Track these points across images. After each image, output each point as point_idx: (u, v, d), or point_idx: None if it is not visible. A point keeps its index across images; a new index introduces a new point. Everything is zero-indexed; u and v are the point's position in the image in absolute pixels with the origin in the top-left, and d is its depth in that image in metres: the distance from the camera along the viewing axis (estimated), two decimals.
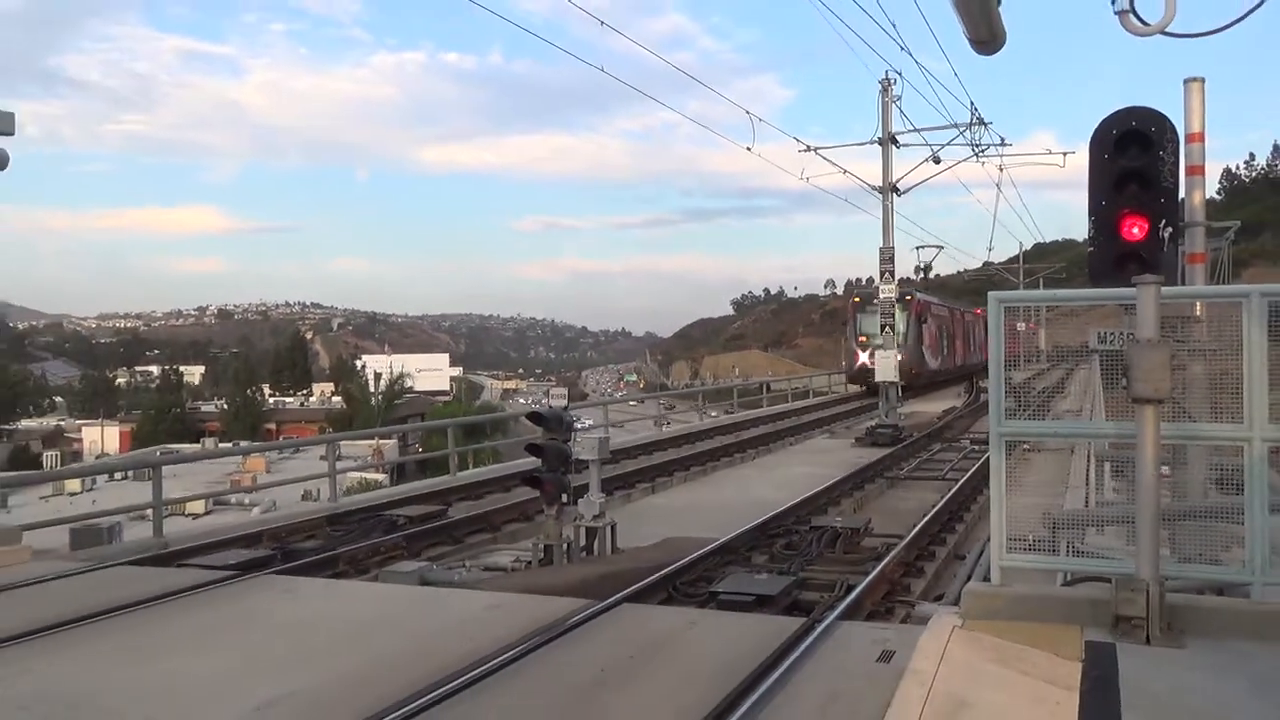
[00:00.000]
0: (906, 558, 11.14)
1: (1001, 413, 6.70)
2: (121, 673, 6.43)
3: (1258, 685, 5.32)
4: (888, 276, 27.54)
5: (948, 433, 28.12)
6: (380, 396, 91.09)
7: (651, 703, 5.67)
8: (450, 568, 10.80)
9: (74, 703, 5.84)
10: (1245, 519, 6.25)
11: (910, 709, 4.96)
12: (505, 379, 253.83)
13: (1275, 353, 6.22)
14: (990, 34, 8.13)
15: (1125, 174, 7.25)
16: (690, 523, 13.00)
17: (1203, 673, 5.51)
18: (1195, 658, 5.70)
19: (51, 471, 47.38)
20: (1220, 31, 7.05)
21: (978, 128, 29.19)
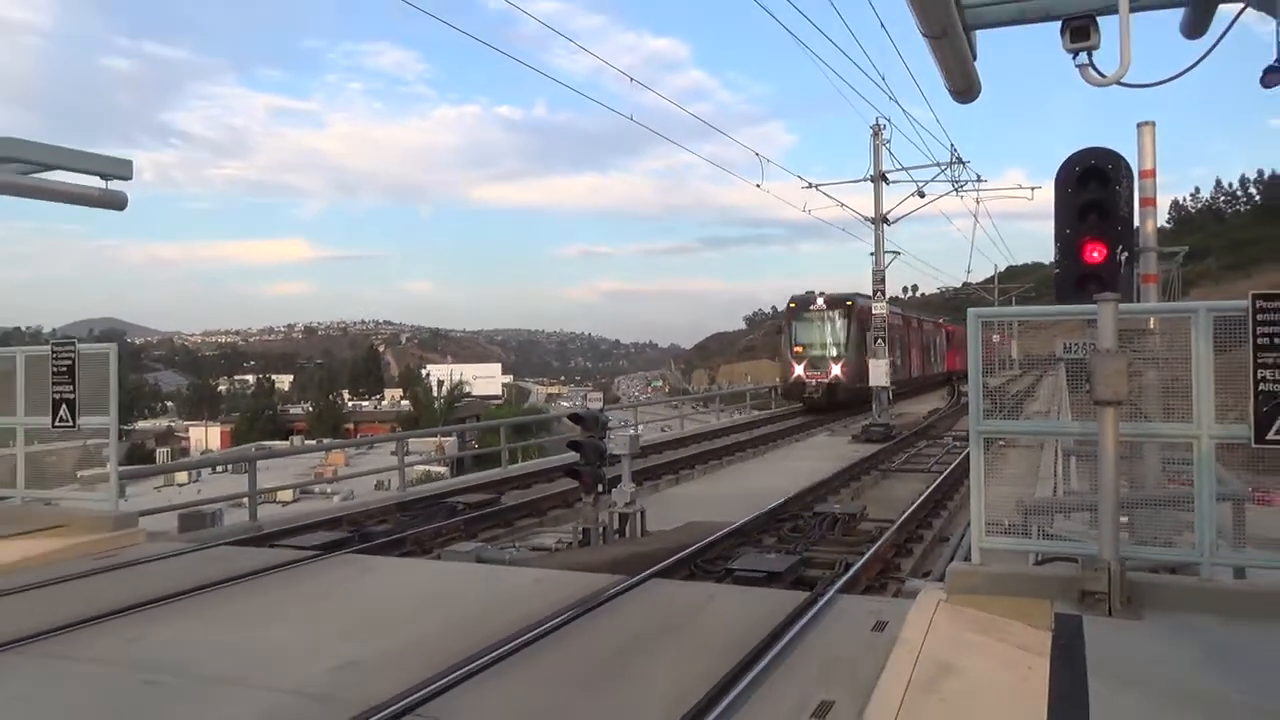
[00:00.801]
0: (897, 540, 11.06)
1: (980, 413, 6.68)
2: (221, 638, 6.48)
3: (1207, 652, 5.26)
4: (880, 295, 27.37)
5: (933, 431, 27.90)
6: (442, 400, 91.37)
7: (677, 665, 5.65)
8: (502, 548, 10.82)
9: (180, 664, 5.90)
10: (1195, 506, 6.18)
11: (901, 672, 4.93)
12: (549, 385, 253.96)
13: (1220, 361, 6.16)
14: (967, 85, 8.09)
15: (1086, 205, 7.19)
16: (709, 509, 12.96)
17: (1159, 641, 5.45)
18: (1152, 628, 5.65)
19: (163, 465, 47.83)
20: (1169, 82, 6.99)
21: (957, 166, 29.11)
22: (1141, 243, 8.07)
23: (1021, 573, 6.58)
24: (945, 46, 7.05)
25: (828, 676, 5.26)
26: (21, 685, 5.61)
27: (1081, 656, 5.10)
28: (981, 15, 7.14)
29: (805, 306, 35.51)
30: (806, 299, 35.58)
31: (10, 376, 11.06)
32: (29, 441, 11.19)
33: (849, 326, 34.17)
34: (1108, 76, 6.64)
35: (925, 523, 12.71)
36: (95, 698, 5.41)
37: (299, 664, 5.80)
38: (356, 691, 5.21)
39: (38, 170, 10.61)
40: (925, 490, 14.56)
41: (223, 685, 5.48)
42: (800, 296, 35.97)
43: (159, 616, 7.02)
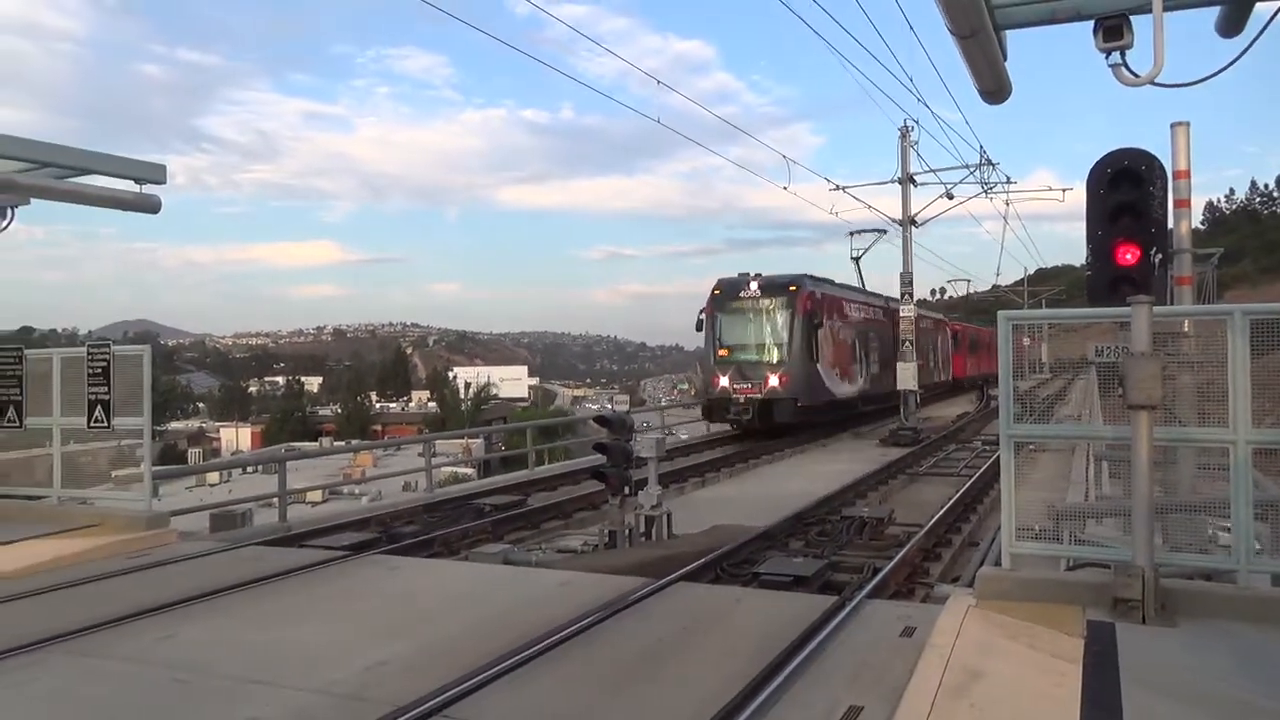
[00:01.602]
0: (926, 544, 10.96)
1: (1010, 417, 6.61)
2: (250, 637, 6.54)
3: (1242, 660, 5.16)
4: (907, 298, 27.17)
5: (961, 435, 27.65)
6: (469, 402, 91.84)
7: (703, 669, 5.63)
8: (529, 549, 10.84)
9: (210, 662, 5.96)
10: (1231, 512, 6.07)
11: (930, 678, 4.88)
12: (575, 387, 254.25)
13: (1256, 364, 6.05)
14: (997, 85, 8.00)
15: (1119, 207, 7.11)
16: (735, 512, 12.91)
17: (1193, 649, 5.36)
18: (1186, 636, 5.55)
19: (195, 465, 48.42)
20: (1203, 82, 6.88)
21: (986, 167, 28.82)
22: (1176, 244, 7.96)
23: (1053, 578, 6.50)
24: (975, 47, 6.97)
25: (856, 682, 5.22)
26: (54, 682, 5.69)
27: (1115, 664, 5.02)
28: (1012, 15, 7.06)
29: (733, 294, 25.74)
30: (735, 283, 25.91)
31: (47, 378, 11.24)
32: (65, 441, 11.37)
33: (793, 320, 24.77)
34: (1141, 76, 6.54)
35: (954, 527, 12.59)
36: (126, 695, 5.47)
37: (327, 664, 5.84)
38: (384, 692, 5.23)
39: (74, 174, 10.79)
40: (954, 494, 14.42)
41: (251, 684, 5.52)
42: (728, 281, 26.13)
43: (190, 615, 7.10)
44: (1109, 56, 6.70)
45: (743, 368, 24.92)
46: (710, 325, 25.89)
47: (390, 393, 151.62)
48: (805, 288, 25.64)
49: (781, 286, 25.52)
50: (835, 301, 28.01)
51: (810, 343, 25.02)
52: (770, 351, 25.05)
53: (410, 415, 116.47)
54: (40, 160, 10.34)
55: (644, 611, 6.96)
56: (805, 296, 25.34)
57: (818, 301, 25.91)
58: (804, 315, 24.96)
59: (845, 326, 28.46)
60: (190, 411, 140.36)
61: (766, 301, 25.53)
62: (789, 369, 24.50)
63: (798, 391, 24.29)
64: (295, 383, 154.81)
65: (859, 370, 29.43)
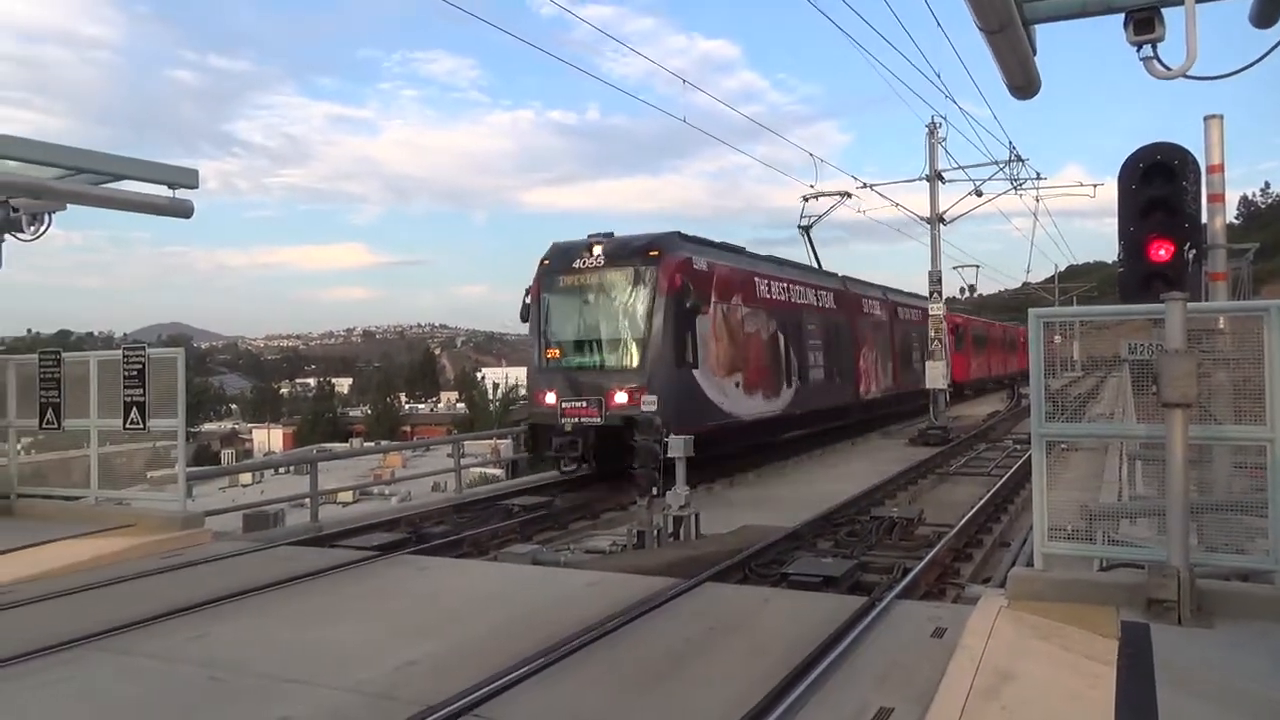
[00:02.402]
0: (956, 545, 10.87)
1: (1042, 415, 6.54)
2: (282, 636, 6.61)
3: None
4: (936, 297, 26.94)
5: (992, 434, 27.38)
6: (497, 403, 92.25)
7: (731, 669, 5.61)
8: (557, 550, 10.87)
9: (243, 661, 6.02)
10: (1270, 512, 5.96)
11: (962, 679, 4.84)
12: None
13: None
14: (1026, 81, 7.91)
15: (1152, 202, 7.01)
16: (763, 513, 12.87)
17: (1230, 651, 5.27)
18: (1223, 637, 5.46)
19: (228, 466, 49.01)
20: (1237, 74, 6.78)
21: (1015, 164, 28.47)
22: (1209, 240, 7.83)
23: (1086, 579, 6.42)
24: (1004, 42, 6.90)
25: (886, 683, 5.18)
26: (91, 680, 5.77)
27: (1149, 666, 4.95)
28: (1041, 9, 6.99)
29: (566, 265, 17.29)
30: (571, 250, 17.43)
31: (84, 381, 11.43)
32: (101, 443, 11.55)
33: (654, 302, 16.17)
34: (1173, 69, 6.45)
35: (985, 527, 12.47)
36: (161, 693, 5.54)
37: (358, 663, 5.88)
38: (414, 691, 5.26)
39: (109, 180, 10.96)
40: (985, 494, 14.29)
41: (283, 683, 5.57)
42: (563, 247, 17.72)
43: (223, 614, 7.18)
44: (1140, 50, 6.61)
45: (575, 377, 16.24)
46: (536, 313, 17.13)
47: (419, 393, 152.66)
48: (673, 253, 16.44)
49: (637, 252, 16.52)
50: (734, 277, 18.58)
51: (684, 337, 15.98)
52: (619, 351, 16.11)
53: (439, 416, 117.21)
54: (76, 166, 10.52)
55: (672, 612, 6.95)
56: (675, 267, 16.19)
57: (697, 275, 16.74)
58: (672, 295, 15.87)
59: (757, 313, 19.12)
60: (223, 413, 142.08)
61: (614, 275, 16.57)
62: (648, 377, 15.43)
63: (663, 412, 13.97)
64: (326, 384, 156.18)
65: (782, 378, 20.07)
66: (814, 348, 22.53)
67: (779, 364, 20.24)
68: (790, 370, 20.69)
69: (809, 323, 22.43)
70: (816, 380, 22.53)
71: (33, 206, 11.13)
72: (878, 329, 28.66)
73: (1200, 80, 6.60)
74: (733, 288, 18.47)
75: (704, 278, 17.27)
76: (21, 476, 12.39)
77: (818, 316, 23.08)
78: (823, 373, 22.95)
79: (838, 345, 24.17)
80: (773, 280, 20.77)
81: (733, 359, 17.98)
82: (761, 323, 19.62)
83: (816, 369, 22.60)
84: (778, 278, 21.22)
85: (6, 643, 6.30)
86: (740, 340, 18.48)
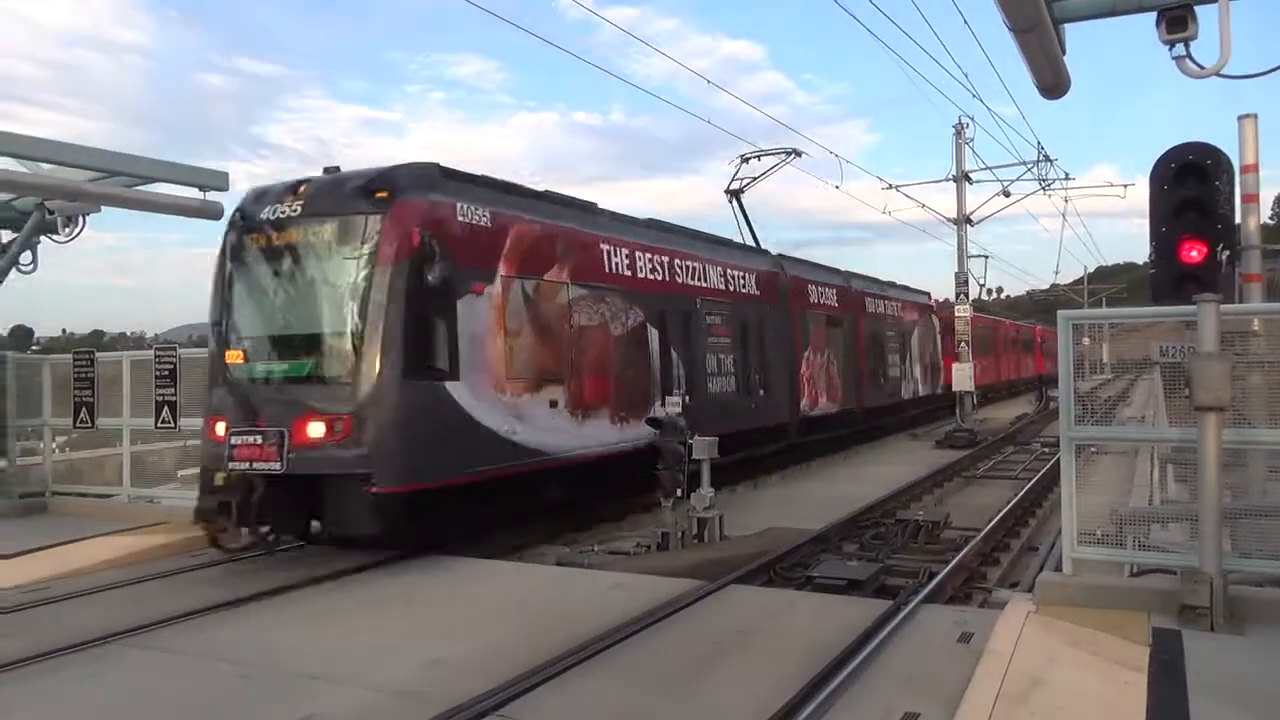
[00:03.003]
0: (983, 549, 10.76)
1: (1071, 418, 6.47)
2: (310, 636, 6.67)
3: None
4: (962, 298, 26.74)
5: (1020, 437, 27.10)
6: None
7: (756, 672, 5.60)
8: (581, 551, 10.86)
9: (271, 659, 6.09)
10: None
11: (989, 685, 4.79)
12: None
13: None
14: (1056, 80, 7.85)
15: (1184, 203, 6.92)
16: (788, 515, 12.81)
17: (1265, 658, 5.18)
18: (1257, 644, 5.38)
19: None
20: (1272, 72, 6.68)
21: (1044, 164, 28.15)
22: (1243, 241, 7.71)
23: (1116, 585, 6.34)
24: (1033, 42, 6.84)
25: (912, 687, 5.15)
26: (123, 675, 5.85)
27: (1182, 673, 4.88)
28: (1071, 9, 6.93)
29: (255, 218, 10.24)
30: (266, 196, 10.37)
31: (117, 380, 11.60)
32: (133, 441, 11.71)
33: (373, 270, 9.52)
34: (1207, 68, 6.37)
35: (1013, 531, 12.33)
36: (190, 689, 5.60)
37: (385, 662, 5.92)
38: (441, 690, 5.29)
39: (141, 183, 11.12)
40: (1013, 498, 14.14)
41: (312, 680, 5.62)
42: (259, 190, 10.62)
43: (252, 612, 7.26)
44: (1172, 48, 6.54)
45: (256, 394, 9.87)
46: (215, 294, 10.53)
47: None
48: (415, 195, 10.11)
49: (354, 194, 10.07)
50: (553, 240, 12.10)
51: (430, 328, 9.92)
52: (318, 354, 9.79)
53: None
54: (109, 169, 10.69)
55: (697, 614, 6.95)
56: (414, 216, 9.93)
57: (464, 231, 10.50)
58: (407, 259, 9.66)
59: (603, 297, 12.95)
60: None
61: (317, 231, 10.13)
62: (362, 395, 9.27)
63: (380, 452, 9.07)
64: None
65: (654, 393, 13.72)
66: (719, 349, 15.91)
67: (649, 373, 13.54)
68: (672, 383, 14.04)
69: (710, 314, 15.67)
70: (722, 396, 15.77)
71: (68, 209, 11.33)
72: (835, 325, 21.73)
73: (1234, 79, 6.53)
74: (549, 256, 11.86)
75: (480, 236, 10.55)
76: (56, 474, 12.60)
77: (728, 307, 16.26)
78: (735, 385, 16.31)
79: (765, 347, 17.61)
80: (637, 250, 13.71)
81: (544, 365, 11.34)
82: (614, 312, 13.18)
83: (722, 379, 15.93)
84: (648, 248, 14.08)
85: (43, 639, 6.42)
86: (564, 337, 11.82)
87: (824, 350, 20.90)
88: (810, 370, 20.00)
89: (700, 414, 13.64)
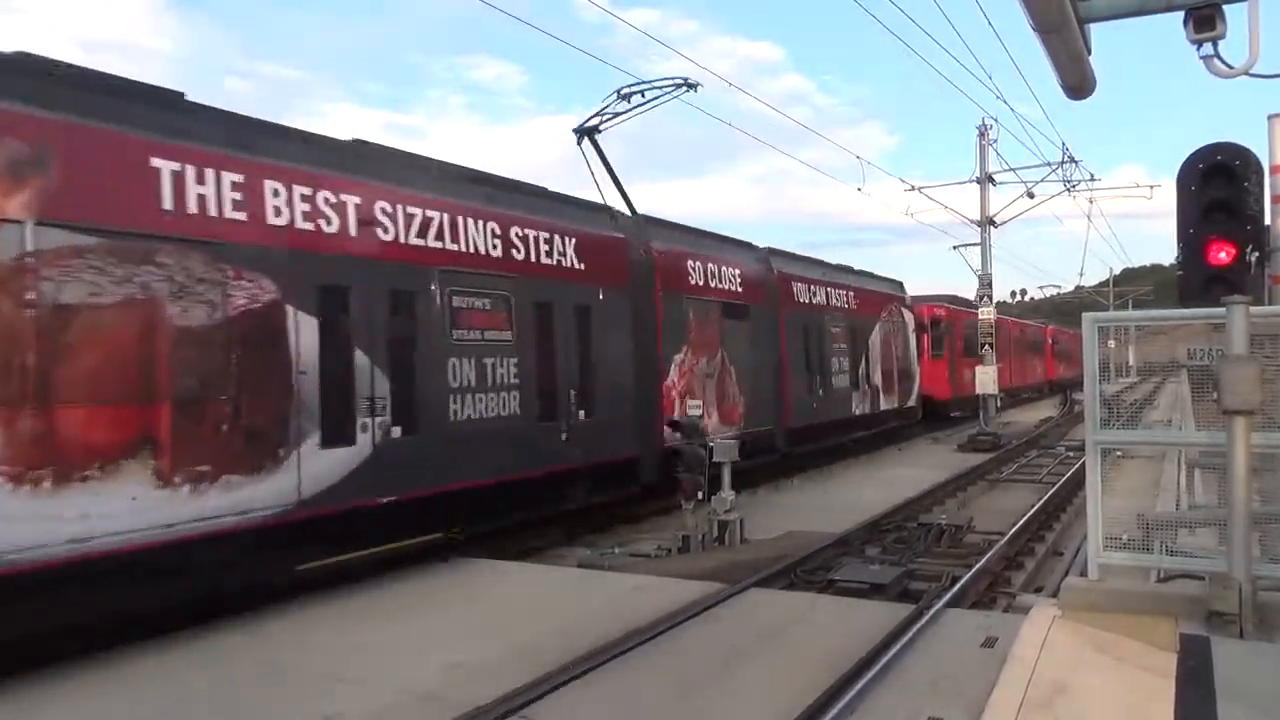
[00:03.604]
0: (1007, 553, 10.68)
1: (1097, 422, 6.41)
2: (333, 636, 6.73)
3: None
4: (986, 300, 26.53)
5: (1044, 440, 26.87)
6: None
7: (778, 675, 5.58)
8: (602, 553, 10.87)
9: (295, 659, 6.12)
10: None
11: (1014, 690, 4.75)
12: None
13: None
14: (1081, 81, 7.77)
15: (1212, 204, 6.84)
16: (809, 518, 12.77)
17: None
18: None
19: None
20: None
21: (1069, 165, 27.88)
22: (1273, 242, 7.61)
23: (1143, 590, 6.27)
24: (1058, 42, 6.78)
25: (936, 692, 5.11)
26: (149, 671, 5.91)
27: (1210, 680, 4.81)
28: (1097, 8, 6.84)
29: None
30: None
31: None
32: None
33: None
34: (1235, 68, 6.29)
35: (1037, 535, 12.24)
36: (214, 690, 5.65)
37: (406, 663, 5.95)
38: (462, 692, 5.31)
39: None
40: (1037, 502, 14.02)
41: (334, 680, 5.66)
42: None
43: (275, 613, 7.30)
44: (1200, 48, 6.45)
45: None
46: None
47: None
48: None
49: None
50: None
51: None
52: None
53: None
54: None
55: (718, 616, 6.93)
56: None
57: None
58: None
59: (161, 258, 7.06)
60: None
61: None
62: None
63: None
64: None
65: (294, 425, 7.89)
66: (488, 351, 10.29)
67: (284, 392, 7.93)
68: (351, 403, 8.52)
69: (464, 296, 10.04)
70: (487, 423, 10.09)
71: None
72: (738, 319, 15.99)
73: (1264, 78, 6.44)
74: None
75: None
76: None
77: (508, 285, 10.64)
78: (518, 403, 10.58)
79: (592, 346, 12.21)
80: (265, 177, 7.99)
81: None
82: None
83: (494, 397, 10.30)
84: (302, 175, 8.34)
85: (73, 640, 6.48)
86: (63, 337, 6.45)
87: (715, 352, 15.20)
88: (684, 379, 14.20)
89: (430, 454, 9.13)
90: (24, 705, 5.46)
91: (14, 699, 5.52)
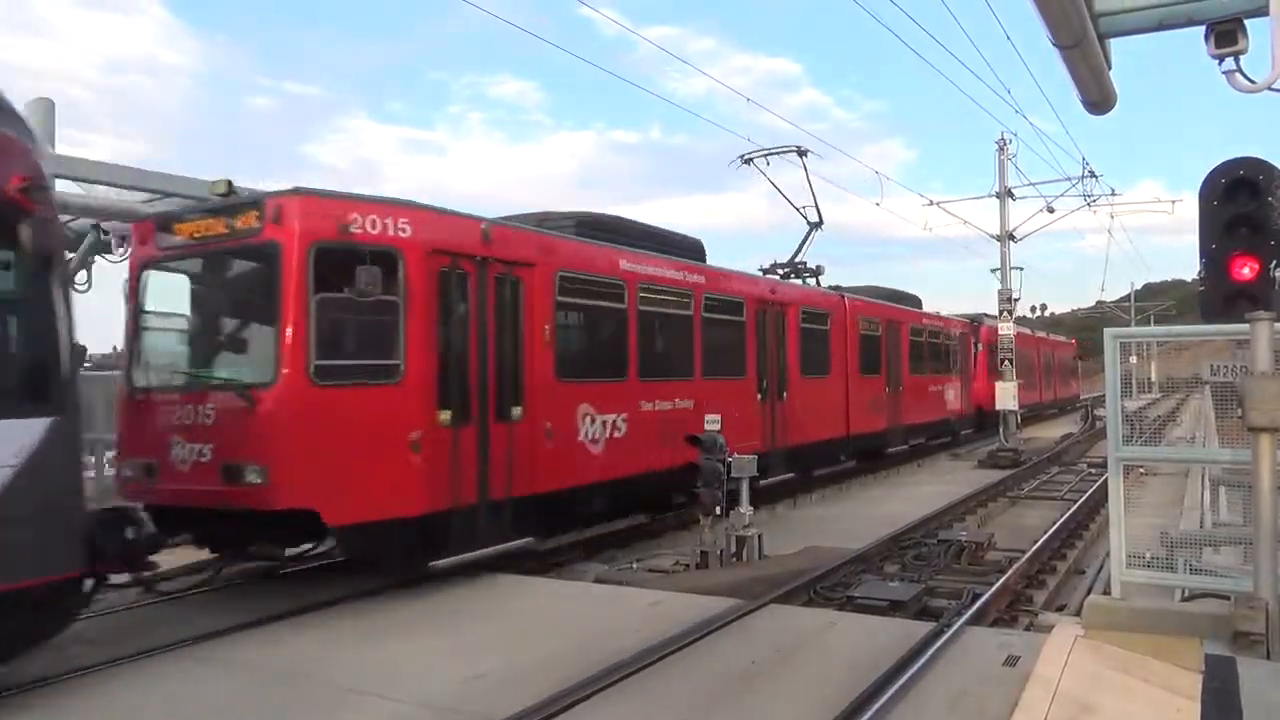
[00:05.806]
0: (1028, 570, 10.56)
1: (1119, 438, 6.34)
2: (352, 650, 6.73)
3: None
4: (1006, 315, 26.38)
5: (1065, 457, 26.60)
6: None
7: (796, 692, 5.53)
8: (619, 568, 10.84)
9: (315, 672, 6.13)
10: None
11: (1036, 710, 4.69)
12: None
13: None
14: (1101, 95, 7.73)
15: (1235, 219, 6.77)
16: (828, 534, 12.69)
17: None
18: None
19: None
20: None
21: (1089, 180, 27.73)
22: None
23: (1167, 609, 6.18)
24: (1078, 57, 6.75)
25: (956, 711, 5.05)
26: (177, 683, 5.95)
27: (1237, 701, 4.73)
28: (1117, 23, 6.82)
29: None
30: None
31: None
32: None
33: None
34: (1258, 83, 6.23)
35: (1059, 553, 12.10)
36: (236, 699, 5.67)
37: (424, 677, 5.95)
38: (480, 706, 5.30)
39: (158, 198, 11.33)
40: (1059, 519, 13.87)
41: (353, 693, 5.66)
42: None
43: (299, 625, 7.33)
44: (1222, 63, 6.41)
45: None
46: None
47: None
48: None
49: None
50: None
51: None
52: None
53: None
54: (163, 191, 10.92)
55: (736, 633, 6.89)
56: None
57: None
58: None
59: None
60: None
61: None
62: None
63: None
64: None
65: None
66: None
67: None
68: None
69: None
70: None
71: (121, 230, 11.56)
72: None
73: None
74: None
75: None
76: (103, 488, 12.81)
77: None
78: None
79: None
80: None
81: None
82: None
83: None
84: None
85: (102, 647, 6.55)
86: None
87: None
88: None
89: None
90: (49, 711, 5.49)
91: (39, 705, 5.55)
